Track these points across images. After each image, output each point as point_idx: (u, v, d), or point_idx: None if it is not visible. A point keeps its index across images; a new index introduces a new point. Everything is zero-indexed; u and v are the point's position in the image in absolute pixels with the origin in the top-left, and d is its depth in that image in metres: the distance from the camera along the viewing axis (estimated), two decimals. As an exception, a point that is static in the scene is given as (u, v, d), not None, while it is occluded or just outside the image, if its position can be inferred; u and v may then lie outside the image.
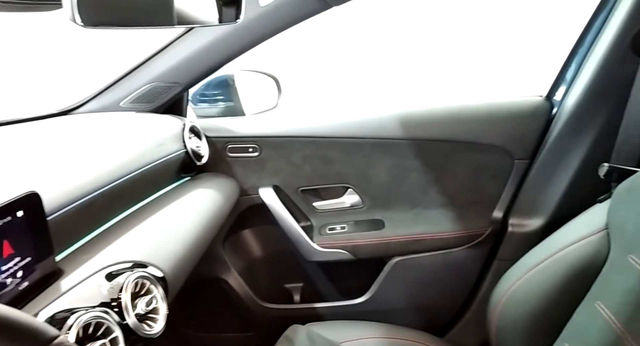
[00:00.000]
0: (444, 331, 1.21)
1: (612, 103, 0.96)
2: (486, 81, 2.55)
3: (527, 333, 0.89)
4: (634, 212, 0.79)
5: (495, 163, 1.12)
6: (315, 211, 1.22)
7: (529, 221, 1.11)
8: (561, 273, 0.85)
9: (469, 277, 1.18)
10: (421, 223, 1.17)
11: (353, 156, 1.16)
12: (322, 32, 2.59)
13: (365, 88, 2.69)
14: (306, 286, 1.27)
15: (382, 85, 2.66)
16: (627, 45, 0.91)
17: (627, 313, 0.73)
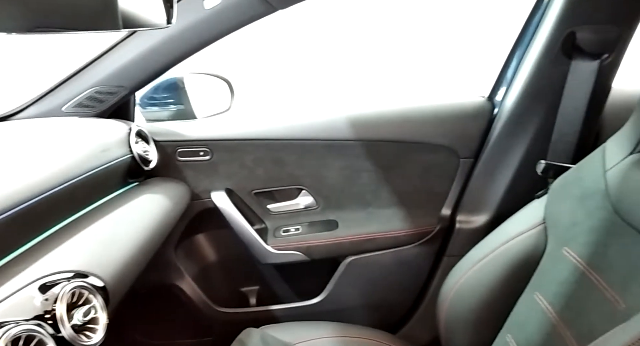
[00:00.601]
0: (398, 328, 1.24)
1: (546, 104, 1.01)
2: (432, 82, 2.63)
3: (474, 326, 0.92)
4: (567, 206, 0.83)
5: (442, 162, 1.15)
6: (270, 213, 1.22)
7: (475, 217, 1.15)
8: (503, 266, 0.89)
9: (420, 274, 1.21)
10: (373, 223, 1.19)
11: (306, 158, 1.17)
12: (272, 33, 2.60)
13: (313, 92, 2.71)
14: (262, 288, 1.27)
15: (329, 88, 2.69)
16: (558, 48, 0.96)
17: (561, 302, 0.77)
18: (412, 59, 2.87)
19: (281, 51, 2.98)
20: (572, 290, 0.76)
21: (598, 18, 0.92)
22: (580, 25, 0.93)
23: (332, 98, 2.50)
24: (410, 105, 1.16)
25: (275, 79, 2.83)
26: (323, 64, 2.93)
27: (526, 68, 1.02)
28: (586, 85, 0.94)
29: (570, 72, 0.96)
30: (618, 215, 0.72)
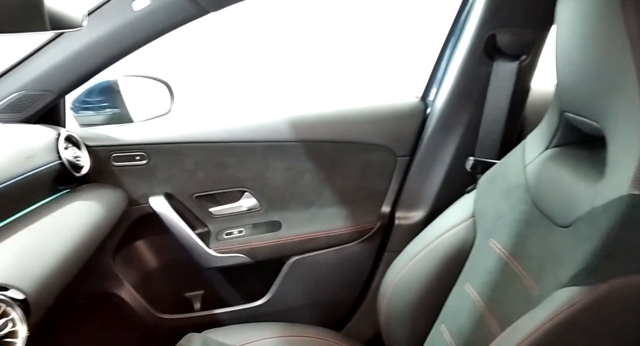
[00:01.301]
0: (342, 325, 1.26)
1: (473, 103, 1.07)
2: (368, 84, 2.69)
3: (411, 318, 0.96)
4: (493, 200, 0.88)
5: (380, 161, 1.19)
6: (212, 216, 1.21)
7: (413, 213, 1.20)
8: (437, 260, 0.93)
9: (362, 270, 1.24)
10: (316, 222, 1.21)
11: (247, 160, 1.17)
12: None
13: (246, 93, 2.71)
14: (207, 293, 1.25)
15: (264, 88, 2.70)
16: (481, 50, 1.01)
17: (487, 292, 0.82)
18: (348, 60, 2.93)
19: (214, 53, 2.96)
20: (497, 280, 0.81)
21: (516, 21, 0.98)
22: (500, 28, 0.99)
23: (270, 100, 2.51)
24: (347, 106, 1.19)
25: (212, 81, 2.81)
26: (258, 65, 2.93)
27: (453, 69, 1.07)
28: (507, 85, 1.00)
29: (492, 72, 1.01)
30: (536, 207, 0.77)
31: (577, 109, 0.71)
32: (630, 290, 0.56)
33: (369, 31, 2.97)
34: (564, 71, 0.72)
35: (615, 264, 0.56)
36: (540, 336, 0.59)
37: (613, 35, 0.59)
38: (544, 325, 0.59)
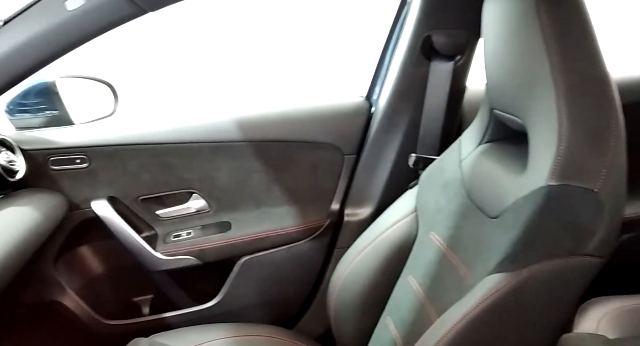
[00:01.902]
0: (295, 323, 1.27)
1: (413, 102, 1.10)
2: (313, 84, 2.72)
3: (359, 312, 0.98)
4: (433, 194, 0.91)
5: (328, 159, 1.21)
6: (159, 219, 1.19)
7: (361, 210, 1.22)
8: (382, 254, 0.96)
9: (313, 268, 1.25)
10: (266, 221, 1.21)
11: (194, 161, 1.15)
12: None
13: (191, 93, 2.68)
14: (156, 297, 1.23)
15: (209, 89, 2.68)
16: (418, 50, 1.05)
17: (427, 283, 0.85)
18: (293, 61, 2.94)
19: (158, 53, 2.90)
20: (436, 271, 0.84)
21: (449, 23, 1.02)
22: (435, 29, 1.02)
23: (215, 101, 2.48)
24: (293, 105, 1.20)
25: (157, 82, 2.75)
26: (202, 66, 2.90)
27: (394, 69, 1.10)
28: (444, 84, 1.04)
29: (430, 72, 1.05)
30: (470, 200, 0.81)
31: (503, 106, 0.75)
32: (547, 274, 0.60)
33: (312, 31, 3.00)
34: (491, 70, 0.76)
35: (534, 251, 0.60)
36: (469, 321, 0.62)
37: (530, 36, 0.63)
38: (472, 311, 0.62)
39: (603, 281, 1.18)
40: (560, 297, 0.62)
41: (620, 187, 0.61)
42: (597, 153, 0.60)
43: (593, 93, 0.62)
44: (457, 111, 1.12)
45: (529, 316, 0.62)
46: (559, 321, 0.64)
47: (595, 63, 0.62)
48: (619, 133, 0.61)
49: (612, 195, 0.60)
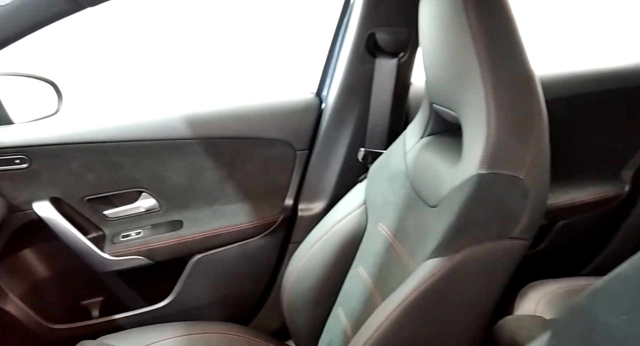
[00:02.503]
0: (250, 319, 1.27)
1: (360, 98, 1.13)
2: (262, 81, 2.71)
3: (312, 305, 0.99)
4: (380, 187, 0.94)
5: (280, 155, 1.21)
6: (107, 220, 1.16)
7: (314, 204, 1.24)
8: (334, 246, 0.98)
9: (268, 264, 1.26)
10: (219, 219, 1.20)
11: (143, 159, 1.13)
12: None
13: (137, 90, 2.63)
14: (106, 299, 1.20)
15: (155, 86, 2.64)
16: (363, 47, 1.07)
17: (375, 272, 0.87)
18: (242, 59, 2.93)
19: (102, 50, 2.82)
20: (383, 260, 0.87)
21: (391, 21, 1.05)
22: (378, 27, 1.05)
23: (162, 98, 2.43)
24: (244, 102, 1.20)
25: (102, 79, 2.67)
26: (146, 62, 2.84)
27: (341, 66, 1.12)
28: (389, 80, 1.07)
29: (375, 69, 1.08)
30: (414, 190, 0.84)
31: (440, 100, 0.78)
32: (478, 257, 0.64)
33: (261, 29, 2.99)
34: (428, 66, 0.79)
35: (466, 236, 0.64)
36: (408, 305, 0.65)
37: (460, 34, 0.67)
38: (410, 295, 0.65)
39: (541, 266, 1.25)
40: (492, 278, 0.65)
41: (544, 174, 0.66)
42: (522, 144, 0.64)
43: (518, 89, 0.66)
44: (403, 106, 1.15)
45: (464, 297, 0.66)
46: (492, 300, 0.67)
47: (520, 61, 0.66)
48: (542, 125, 0.66)
49: (536, 181, 0.64)
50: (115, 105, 2.00)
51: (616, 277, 0.35)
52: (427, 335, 0.69)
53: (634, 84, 1.21)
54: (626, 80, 1.20)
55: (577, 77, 1.20)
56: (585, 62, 1.25)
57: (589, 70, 1.22)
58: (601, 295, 0.35)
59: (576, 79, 1.20)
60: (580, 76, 1.20)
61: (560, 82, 1.19)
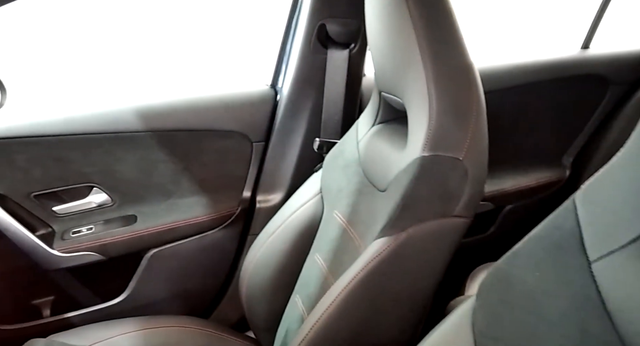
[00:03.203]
0: (209, 312, 1.27)
1: (314, 89, 1.14)
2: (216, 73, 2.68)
3: (270, 295, 1.00)
4: (335, 175, 0.96)
5: (237, 147, 1.21)
6: (56, 216, 1.12)
7: (272, 196, 1.24)
8: (291, 236, 0.99)
9: (226, 256, 1.25)
10: (175, 212, 1.19)
11: (93, 153, 1.10)
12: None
13: (87, 83, 2.55)
14: (58, 298, 1.16)
15: (107, 78, 2.57)
16: (315, 38, 1.08)
17: (331, 258, 0.89)
18: (195, 51, 2.88)
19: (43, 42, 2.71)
20: (337, 245, 0.89)
21: (340, 12, 1.06)
22: (328, 18, 1.07)
23: (114, 90, 2.36)
24: (198, 94, 1.19)
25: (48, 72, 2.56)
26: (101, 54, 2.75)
27: (294, 57, 1.13)
28: (341, 71, 1.09)
29: (328, 60, 1.10)
30: (366, 177, 0.86)
31: (387, 88, 0.81)
32: (422, 235, 0.67)
33: (213, 23, 2.95)
34: (375, 56, 0.82)
35: (410, 215, 0.67)
36: (356, 283, 0.67)
37: (402, 24, 0.69)
38: (359, 274, 0.67)
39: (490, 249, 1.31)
40: (435, 255, 0.68)
41: (482, 156, 0.69)
42: (461, 128, 0.67)
43: (457, 77, 0.69)
44: (356, 97, 1.17)
45: (410, 273, 0.69)
46: (436, 276, 0.71)
47: (458, 50, 0.70)
48: (480, 111, 0.69)
49: (475, 162, 0.67)
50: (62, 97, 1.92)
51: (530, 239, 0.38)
52: (376, 310, 0.71)
53: (572, 74, 1.28)
54: (565, 70, 1.28)
55: (520, 68, 1.26)
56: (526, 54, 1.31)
57: (531, 62, 1.28)
58: (517, 257, 0.38)
59: (518, 70, 1.26)
60: (522, 67, 1.26)
61: (504, 73, 1.24)
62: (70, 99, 1.17)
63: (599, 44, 1.36)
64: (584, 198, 0.36)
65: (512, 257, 0.38)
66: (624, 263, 0.31)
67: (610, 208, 0.33)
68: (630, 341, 0.30)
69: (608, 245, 0.32)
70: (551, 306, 0.34)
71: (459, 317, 0.42)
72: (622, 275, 0.31)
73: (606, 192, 0.34)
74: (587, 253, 0.33)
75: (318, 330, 0.71)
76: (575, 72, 1.29)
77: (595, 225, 0.34)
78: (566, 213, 0.36)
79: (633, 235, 0.31)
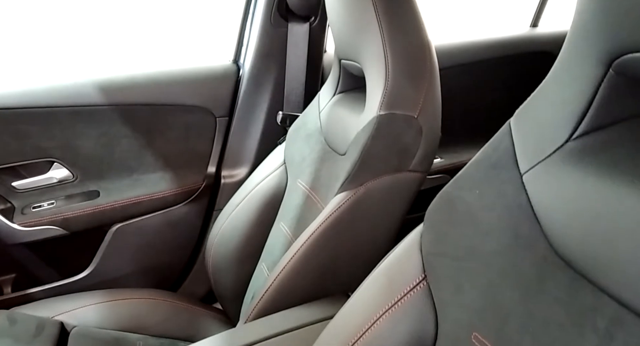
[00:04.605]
0: (176, 287, 1.28)
1: (276, 63, 1.16)
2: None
3: (236, 264, 1.02)
4: (298, 146, 0.98)
5: (200, 122, 1.22)
6: (16, 191, 1.10)
7: (237, 171, 1.26)
8: (255, 206, 1.01)
9: (192, 231, 1.26)
10: (139, 188, 1.18)
11: (52, 127, 1.08)
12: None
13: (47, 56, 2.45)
14: (19, 275, 1.14)
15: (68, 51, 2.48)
16: (275, 11, 1.10)
17: (295, 224, 0.92)
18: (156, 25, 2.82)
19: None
20: (301, 211, 0.92)
21: None
22: None
23: (74, 63, 2.27)
24: (160, 69, 1.18)
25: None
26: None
27: (255, 31, 1.14)
28: (302, 44, 1.11)
29: (289, 33, 1.12)
30: (327, 144, 0.89)
31: (346, 54, 0.84)
32: (379, 189, 0.70)
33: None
34: (334, 23, 0.85)
35: (368, 170, 0.70)
36: (317, 236, 0.70)
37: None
38: (319, 227, 0.70)
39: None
40: (392, 207, 0.72)
41: (436, 115, 0.74)
42: (415, 87, 0.71)
43: (412, 41, 0.73)
44: (318, 70, 1.20)
45: (368, 224, 0.73)
46: (393, 227, 0.75)
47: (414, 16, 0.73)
48: (433, 72, 0.73)
49: (429, 121, 0.71)
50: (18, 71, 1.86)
51: (471, 163, 0.42)
52: (336, 259, 0.75)
53: (522, 51, 1.35)
54: (515, 48, 1.35)
55: (472, 45, 1.32)
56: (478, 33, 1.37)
57: (483, 40, 1.35)
58: (459, 179, 0.42)
59: (471, 48, 1.32)
60: (475, 45, 1.33)
61: (457, 51, 1.30)
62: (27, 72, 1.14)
63: (547, 23, 1.44)
64: (517, 119, 0.40)
65: (455, 181, 0.42)
66: (549, 170, 0.35)
67: (539, 124, 0.37)
68: (552, 237, 0.34)
69: (536, 157, 0.36)
70: (488, 217, 0.38)
71: (409, 241, 0.45)
72: (547, 181, 0.35)
73: (536, 111, 0.38)
74: (519, 167, 0.37)
75: (278, 283, 0.74)
76: (524, 50, 1.36)
77: (526, 141, 0.38)
78: (502, 135, 0.40)
79: (557, 144, 0.35)
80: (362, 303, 0.46)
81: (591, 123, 0.33)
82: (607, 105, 0.32)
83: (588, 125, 0.33)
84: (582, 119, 0.34)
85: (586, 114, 0.33)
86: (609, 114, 0.33)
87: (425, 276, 0.42)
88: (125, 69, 1.16)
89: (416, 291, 0.42)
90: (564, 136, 0.35)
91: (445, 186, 0.43)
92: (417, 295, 0.42)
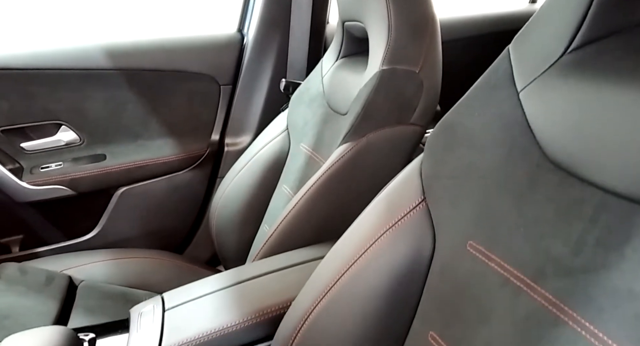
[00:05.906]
0: (182, 250, 1.31)
1: (280, 31, 1.18)
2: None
3: (239, 226, 1.05)
4: (301, 111, 1.01)
5: (205, 90, 1.24)
6: (24, 152, 1.12)
7: (241, 138, 1.28)
8: (258, 170, 1.03)
9: (196, 197, 1.29)
10: (144, 152, 1.21)
11: (60, 90, 1.09)
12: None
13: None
14: (27, 236, 1.17)
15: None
16: None
17: (297, 185, 0.94)
18: None
19: None
20: (304, 173, 0.94)
21: None
22: None
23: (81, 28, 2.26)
24: (166, 36, 1.20)
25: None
26: None
27: (259, 0, 1.16)
28: (306, 13, 1.13)
29: (292, 1, 1.13)
30: (329, 107, 0.92)
31: (349, 15, 0.86)
32: (380, 140, 0.73)
33: None
34: None
35: (370, 122, 0.73)
36: (320, 184, 0.73)
37: None
38: (321, 176, 0.73)
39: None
40: (393, 158, 0.75)
41: (436, 70, 0.76)
42: (417, 43, 0.74)
43: None
44: (321, 37, 1.22)
45: (369, 174, 0.75)
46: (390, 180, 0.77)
47: None
48: (434, 29, 0.76)
49: (430, 76, 0.74)
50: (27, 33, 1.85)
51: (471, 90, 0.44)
52: (340, 206, 0.77)
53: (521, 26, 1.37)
54: (514, 22, 1.37)
55: (473, 20, 1.35)
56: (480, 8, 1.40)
57: (483, 14, 1.37)
58: (460, 106, 0.44)
59: (473, 22, 1.35)
60: (476, 19, 1.35)
61: (460, 25, 1.32)
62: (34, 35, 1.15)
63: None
64: (516, 43, 0.43)
65: (456, 108, 0.44)
66: (545, 84, 0.37)
67: (535, 43, 0.40)
68: (545, 145, 0.36)
69: (532, 74, 0.39)
70: (485, 136, 0.40)
71: (409, 169, 0.48)
72: (542, 94, 0.37)
73: (533, 33, 0.41)
74: (516, 86, 0.40)
75: (279, 231, 0.77)
76: (523, 25, 1.38)
77: (523, 61, 0.40)
78: (501, 59, 0.43)
79: (553, 59, 0.37)
80: (363, 226, 0.49)
81: (586, 36, 0.36)
82: (601, 17, 0.34)
83: (583, 37, 0.36)
84: (577, 33, 0.36)
85: (580, 28, 0.35)
86: (603, 26, 0.35)
87: (424, 198, 0.45)
88: (133, 34, 1.18)
89: (415, 212, 0.45)
90: (559, 51, 0.37)
91: (445, 114, 0.45)
92: (416, 215, 0.45)
